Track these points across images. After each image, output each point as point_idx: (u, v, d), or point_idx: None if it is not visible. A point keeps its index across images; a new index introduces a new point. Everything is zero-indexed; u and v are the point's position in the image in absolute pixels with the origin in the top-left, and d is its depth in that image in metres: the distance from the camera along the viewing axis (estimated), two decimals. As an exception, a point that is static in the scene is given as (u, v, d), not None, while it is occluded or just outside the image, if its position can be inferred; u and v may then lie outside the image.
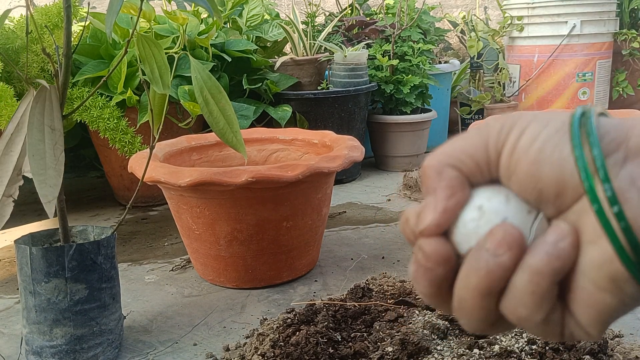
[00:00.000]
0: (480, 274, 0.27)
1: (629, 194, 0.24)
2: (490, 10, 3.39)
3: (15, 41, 1.64)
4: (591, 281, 0.26)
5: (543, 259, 0.26)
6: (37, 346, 0.96)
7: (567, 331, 0.29)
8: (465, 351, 0.85)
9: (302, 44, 2.13)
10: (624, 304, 0.27)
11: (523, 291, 0.27)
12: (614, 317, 0.28)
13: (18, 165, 0.84)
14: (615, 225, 0.25)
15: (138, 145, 1.65)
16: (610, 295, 0.26)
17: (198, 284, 1.31)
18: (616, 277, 0.25)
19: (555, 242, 0.26)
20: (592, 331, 0.28)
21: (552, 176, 0.26)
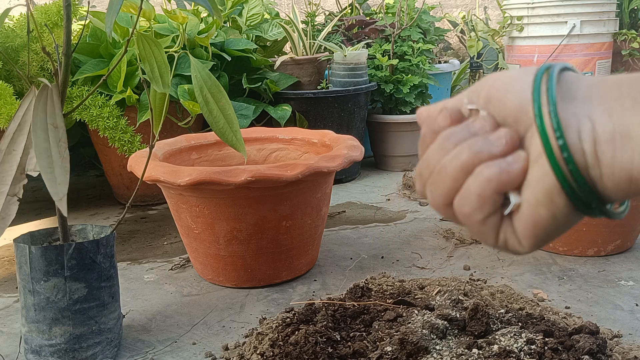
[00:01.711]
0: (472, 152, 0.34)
1: (569, 122, 0.31)
2: (490, 10, 3.39)
3: (15, 40, 1.64)
4: (532, 193, 0.32)
5: (495, 171, 0.33)
6: (36, 345, 0.96)
7: (501, 237, 0.34)
8: (464, 351, 0.85)
9: (301, 43, 2.13)
10: (555, 217, 0.32)
11: (472, 192, 0.33)
12: (545, 231, 0.33)
13: (22, 164, 0.84)
14: (554, 144, 0.31)
15: (137, 144, 1.65)
16: (544, 208, 0.32)
17: (197, 283, 1.31)
18: (550, 190, 0.32)
19: (511, 162, 0.33)
20: (525, 241, 0.34)
21: (515, 102, 0.33)
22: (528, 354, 0.84)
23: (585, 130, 0.31)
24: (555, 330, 0.92)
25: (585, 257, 1.36)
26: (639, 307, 1.13)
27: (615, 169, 0.30)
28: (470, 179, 0.33)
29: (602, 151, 0.31)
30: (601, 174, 0.31)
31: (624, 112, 0.31)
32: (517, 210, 0.33)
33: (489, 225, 0.34)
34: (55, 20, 1.61)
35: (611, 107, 0.31)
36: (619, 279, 1.25)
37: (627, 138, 0.30)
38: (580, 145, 0.31)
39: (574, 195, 0.31)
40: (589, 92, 0.32)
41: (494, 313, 1.00)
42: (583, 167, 0.31)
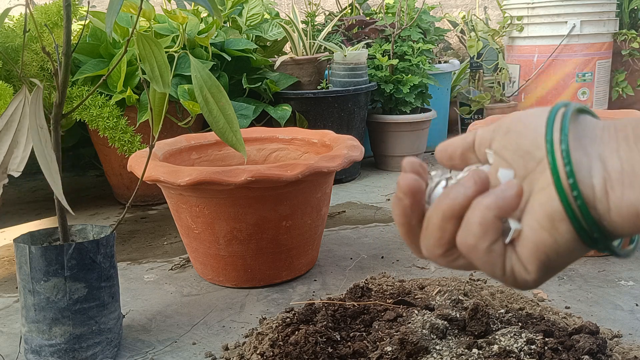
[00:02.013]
0: (449, 199, 0.36)
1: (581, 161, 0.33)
2: (490, 10, 3.39)
3: (15, 40, 1.64)
4: (534, 218, 0.34)
5: (492, 199, 0.35)
6: (36, 345, 0.96)
7: (508, 265, 0.36)
8: (464, 351, 0.85)
9: (301, 43, 2.13)
10: (557, 242, 0.34)
11: (473, 222, 0.35)
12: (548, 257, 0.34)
13: (4, 163, 0.83)
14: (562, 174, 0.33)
15: (137, 144, 1.65)
16: (546, 232, 0.34)
17: (197, 283, 1.31)
18: (552, 215, 0.33)
19: (504, 189, 0.35)
20: (530, 267, 0.35)
21: (530, 136, 0.35)
22: (528, 354, 0.84)
23: (596, 168, 0.33)
24: (555, 330, 0.92)
25: (586, 257, 1.36)
26: (639, 307, 1.13)
27: (622, 204, 0.32)
28: (469, 213, 0.36)
29: (611, 187, 0.32)
30: (609, 209, 0.32)
31: (630, 151, 0.32)
32: (519, 236, 0.35)
33: (494, 254, 0.35)
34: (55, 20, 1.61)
35: (619, 146, 0.33)
36: (619, 279, 1.25)
37: (634, 176, 0.32)
38: (590, 181, 0.33)
39: (577, 223, 0.33)
40: (601, 133, 0.34)
41: (494, 313, 1.00)
42: (590, 200, 0.33)
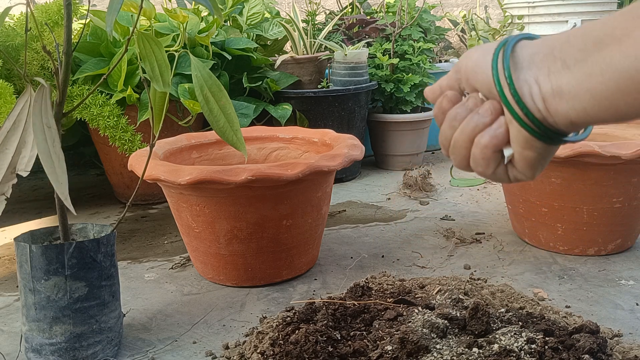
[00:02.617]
0: (472, 125, 0.46)
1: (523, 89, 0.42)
2: (491, 9, 3.39)
3: (16, 39, 1.64)
4: (517, 144, 0.44)
5: (487, 138, 0.45)
6: (37, 344, 0.96)
7: (511, 175, 0.47)
8: (465, 350, 0.85)
9: (302, 42, 2.13)
10: (540, 153, 0.44)
11: (477, 157, 0.46)
12: (539, 162, 0.45)
13: (12, 163, 0.84)
14: (517, 109, 0.42)
15: (138, 143, 1.65)
16: (529, 150, 0.44)
17: (198, 282, 1.31)
18: (527, 140, 0.43)
19: (496, 128, 0.45)
20: (528, 173, 0.46)
21: (484, 81, 0.44)
22: (528, 353, 0.84)
23: (535, 93, 0.41)
24: (556, 329, 0.92)
25: (586, 256, 1.36)
26: (639, 306, 1.13)
27: (560, 117, 0.41)
28: (473, 148, 0.46)
29: (549, 105, 0.41)
30: (555, 121, 0.41)
31: (557, 73, 0.40)
32: (513, 157, 0.45)
33: (499, 173, 0.47)
34: (56, 19, 1.61)
35: (549, 69, 0.40)
36: (619, 278, 1.25)
37: (561, 94, 0.40)
38: (535, 105, 0.41)
39: (543, 138, 0.42)
40: (532, 59, 0.42)
41: (495, 312, 1.00)
42: (542, 119, 0.42)
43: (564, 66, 0.39)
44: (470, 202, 1.84)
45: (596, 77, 0.37)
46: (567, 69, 0.39)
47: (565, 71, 0.39)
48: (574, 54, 0.39)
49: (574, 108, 0.39)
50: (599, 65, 0.37)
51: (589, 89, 0.38)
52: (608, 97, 0.37)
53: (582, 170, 1.26)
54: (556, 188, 1.31)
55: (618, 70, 0.36)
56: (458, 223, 1.64)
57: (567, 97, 0.39)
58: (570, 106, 0.39)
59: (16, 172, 0.84)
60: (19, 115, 0.86)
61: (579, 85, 0.38)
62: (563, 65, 0.39)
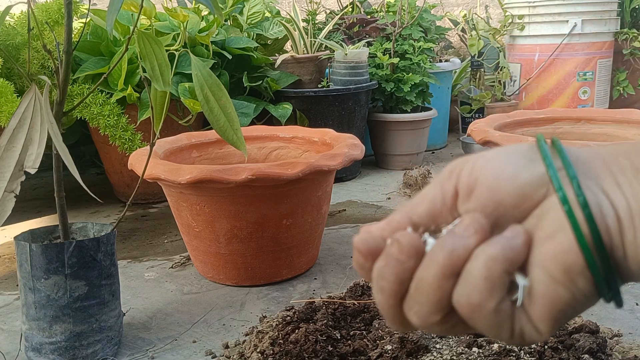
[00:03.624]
0: (446, 252, 0.29)
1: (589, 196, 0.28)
2: (491, 9, 3.39)
3: (16, 37, 1.64)
4: (546, 272, 0.29)
5: (498, 248, 0.29)
6: (37, 343, 0.96)
7: (517, 327, 0.30)
8: (464, 350, 0.85)
9: (302, 41, 2.13)
10: (575, 298, 0.29)
11: (477, 275, 0.29)
12: (564, 314, 0.29)
13: (20, 161, 0.84)
14: (580, 217, 0.28)
15: (138, 143, 1.65)
16: (563, 287, 0.28)
17: (197, 282, 1.31)
18: (570, 269, 0.28)
19: (511, 237, 0.29)
20: (542, 327, 0.30)
21: (511, 190, 0.30)
22: (528, 352, 0.84)
23: (605, 205, 0.28)
24: (556, 329, 0.92)
25: (586, 256, 1.36)
26: (639, 306, 1.13)
27: (638, 249, 0.28)
28: (470, 265, 0.29)
29: (624, 228, 0.28)
30: (625, 255, 0.28)
31: (630, 185, 0.29)
32: (529, 296, 0.30)
33: (503, 314, 0.30)
34: (56, 18, 1.61)
35: (618, 180, 0.29)
36: (619, 278, 1.25)
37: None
38: (604, 222, 0.28)
39: (597, 273, 0.28)
40: (590, 164, 0.30)
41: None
42: (608, 246, 0.28)
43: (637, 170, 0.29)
44: (470, 201, 1.84)
45: None
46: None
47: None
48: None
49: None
50: None
51: None
52: None
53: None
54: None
55: None
56: (458, 223, 1.64)
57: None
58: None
59: (24, 169, 0.84)
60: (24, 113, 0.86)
61: None
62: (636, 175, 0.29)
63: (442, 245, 0.30)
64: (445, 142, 2.72)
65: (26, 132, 0.85)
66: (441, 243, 0.30)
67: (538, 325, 0.30)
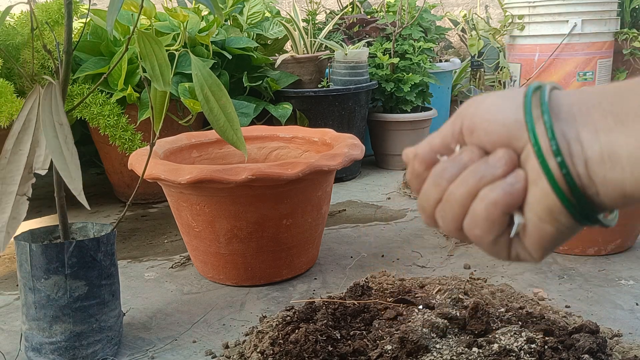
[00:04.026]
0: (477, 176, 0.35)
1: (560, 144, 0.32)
2: (491, 9, 3.39)
3: (16, 38, 1.64)
4: (534, 213, 0.34)
5: (499, 193, 0.34)
6: (37, 342, 0.96)
7: (513, 252, 0.36)
8: (465, 350, 0.85)
9: (302, 41, 2.13)
10: (561, 232, 0.34)
11: (480, 215, 0.35)
12: (553, 243, 0.35)
13: (29, 163, 0.84)
14: (553, 165, 0.32)
15: (138, 143, 1.65)
16: (549, 225, 0.34)
17: (197, 282, 1.31)
18: (552, 209, 0.33)
19: (513, 182, 0.34)
20: (535, 254, 0.36)
21: (503, 130, 0.35)
22: (528, 352, 0.84)
23: (576, 152, 0.32)
24: (556, 329, 0.92)
25: (586, 256, 1.36)
26: (639, 306, 1.13)
27: (608, 187, 0.32)
28: (476, 203, 0.35)
29: (594, 172, 0.32)
30: (597, 192, 0.32)
31: (608, 131, 0.32)
32: (523, 229, 0.35)
33: (500, 245, 0.36)
34: (56, 18, 1.61)
35: (596, 126, 0.32)
36: (619, 278, 1.25)
37: (615, 158, 0.31)
38: (574, 169, 0.32)
39: (575, 211, 0.33)
40: (571, 111, 0.33)
41: (494, 312, 1.00)
42: (580, 187, 0.32)
43: (619, 123, 0.31)
44: (470, 201, 1.84)
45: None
46: (624, 127, 0.31)
47: (620, 129, 0.31)
48: (635, 109, 0.31)
49: (632, 176, 0.31)
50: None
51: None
52: None
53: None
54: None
55: None
56: (458, 223, 1.64)
57: (625, 162, 0.31)
58: (627, 174, 0.31)
59: (34, 171, 0.84)
60: (28, 115, 0.86)
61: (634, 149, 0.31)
62: (617, 121, 0.31)
63: (476, 169, 0.35)
64: (445, 142, 2.71)
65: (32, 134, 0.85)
66: (475, 168, 0.35)
67: (531, 252, 0.36)
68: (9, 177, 0.82)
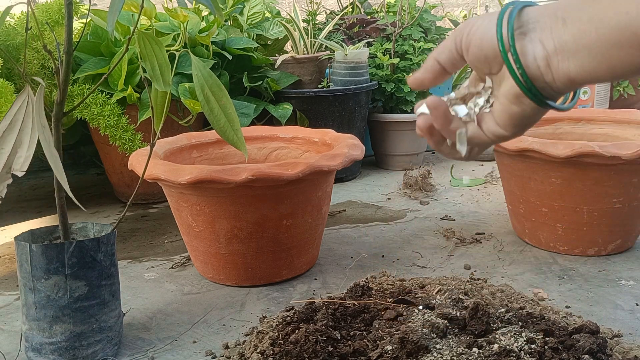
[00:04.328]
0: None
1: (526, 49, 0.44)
2: (492, 9, 3.39)
3: (16, 38, 1.64)
4: (506, 97, 0.47)
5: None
6: (37, 343, 0.96)
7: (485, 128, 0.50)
8: (465, 350, 0.85)
9: (302, 42, 2.13)
10: (525, 111, 0.47)
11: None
12: (522, 120, 0.48)
13: (8, 163, 0.83)
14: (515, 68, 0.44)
15: (138, 143, 1.65)
16: (516, 105, 0.47)
17: (198, 282, 1.31)
18: (518, 94, 0.46)
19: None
20: (508, 128, 0.49)
21: (489, 47, 0.46)
22: (528, 353, 0.84)
23: (539, 52, 0.43)
24: (556, 329, 0.92)
25: (586, 256, 1.36)
26: (639, 306, 1.13)
27: (560, 74, 0.43)
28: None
29: (552, 64, 0.43)
30: (553, 79, 0.43)
31: (558, 31, 0.42)
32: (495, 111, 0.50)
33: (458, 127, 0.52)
34: (57, 19, 1.61)
35: (551, 29, 0.42)
36: (619, 278, 1.25)
37: (563, 51, 0.42)
38: (536, 63, 0.43)
39: (532, 96, 0.45)
40: (537, 20, 0.44)
41: (494, 312, 1.00)
42: (539, 77, 0.44)
43: (564, 24, 0.41)
44: (471, 202, 1.84)
45: (591, 34, 0.39)
46: (567, 27, 0.41)
47: (565, 29, 0.41)
48: (573, 12, 0.41)
49: (574, 65, 0.41)
50: (594, 21, 0.39)
51: (585, 45, 0.40)
52: (603, 53, 0.39)
53: (582, 170, 1.26)
54: (556, 188, 1.31)
55: (610, 25, 0.38)
56: (458, 223, 1.64)
57: (568, 54, 0.41)
58: (570, 63, 0.41)
59: (12, 171, 0.84)
60: (15, 114, 0.86)
61: (577, 42, 0.40)
62: (564, 23, 0.41)
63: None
64: (446, 142, 2.72)
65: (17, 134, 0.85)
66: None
67: (505, 127, 0.49)
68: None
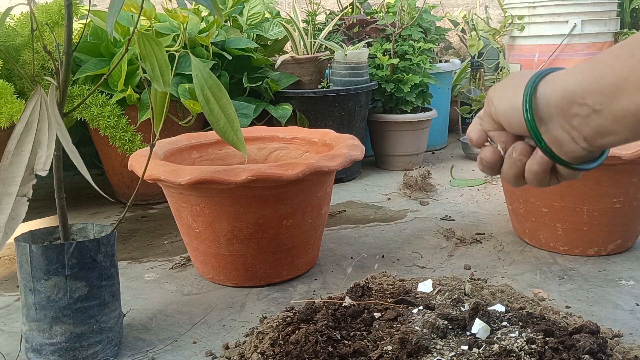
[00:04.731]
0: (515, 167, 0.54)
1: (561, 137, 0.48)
2: (491, 10, 3.39)
3: (16, 39, 1.64)
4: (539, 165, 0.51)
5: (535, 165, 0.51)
6: (37, 343, 0.96)
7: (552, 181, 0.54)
8: (465, 350, 0.85)
9: (302, 42, 2.13)
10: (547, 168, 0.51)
11: (531, 178, 0.52)
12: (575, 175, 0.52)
13: (30, 164, 0.84)
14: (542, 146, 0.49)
15: (138, 144, 1.65)
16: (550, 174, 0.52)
17: (198, 282, 1.31)
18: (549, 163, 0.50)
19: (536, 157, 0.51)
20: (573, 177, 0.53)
21: (517, 123, 0.50)
22: (528, 353, 0.84)
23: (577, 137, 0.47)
24: (556, 329, 0.92)
25: (586, 256, 1.36)
26: (639, 306, 1.13)
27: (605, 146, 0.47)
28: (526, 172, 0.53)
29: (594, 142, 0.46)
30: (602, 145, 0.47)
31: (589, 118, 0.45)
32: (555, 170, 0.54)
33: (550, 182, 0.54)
34: (56, 19, 1.61)
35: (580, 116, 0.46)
36: (619, 278, 1.25)
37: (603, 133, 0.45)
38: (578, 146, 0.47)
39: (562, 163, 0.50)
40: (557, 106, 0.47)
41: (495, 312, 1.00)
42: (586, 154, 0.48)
43: (593, 112, 0.44)
44: (471, 202, 1.84)
45: (629, 118, 0.43)
46: (598, 114, 0.44)
47: (596, 116, 0.44)
48: (599, 100, 0.44)
49: (617, 140, 0.45)
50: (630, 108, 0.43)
51: (625, 125, 0.44)
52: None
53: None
54: (556, 188, 1.31)
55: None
56: (458, 223, 1.64)
57: (610, 134, 0.45)
58: (614, 139, 0.45)
59: (35, 172, 0.84)
60: (30, 116, 0.86)
61: (616, 124, 0.44)
62: (592, 111, 0.44)
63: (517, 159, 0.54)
64: (445, 142, 2.72)
65: (34, 135, 0.85)
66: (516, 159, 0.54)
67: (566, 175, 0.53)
68: (10, 177, 0.82)
